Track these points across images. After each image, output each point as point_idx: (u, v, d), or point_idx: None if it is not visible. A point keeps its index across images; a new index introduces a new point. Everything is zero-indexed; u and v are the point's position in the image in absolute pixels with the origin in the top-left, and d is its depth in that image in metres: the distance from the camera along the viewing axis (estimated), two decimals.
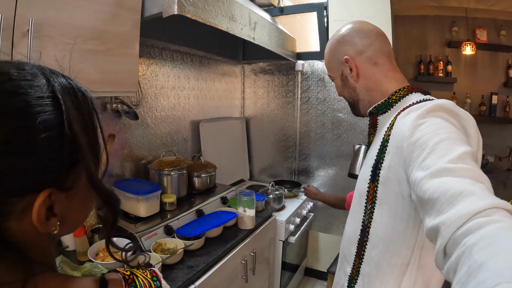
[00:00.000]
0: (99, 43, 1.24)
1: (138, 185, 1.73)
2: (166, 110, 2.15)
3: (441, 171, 0.60)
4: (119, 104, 1.71)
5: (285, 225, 2.25)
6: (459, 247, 0.46)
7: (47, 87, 0.44)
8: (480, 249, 0.42)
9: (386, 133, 0.87)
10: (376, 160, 0.90)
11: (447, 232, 0.50)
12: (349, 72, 0.99)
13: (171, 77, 2.19)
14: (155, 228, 1.57)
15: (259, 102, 3.07)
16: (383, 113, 0.96)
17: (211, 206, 1.94)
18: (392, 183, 0.83)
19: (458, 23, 3.94)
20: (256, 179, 3.15)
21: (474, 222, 0.47)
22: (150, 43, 1.99)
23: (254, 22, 1.96)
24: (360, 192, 0.98)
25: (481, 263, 0.39)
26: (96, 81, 1.26)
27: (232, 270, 1.69)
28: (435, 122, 0.72)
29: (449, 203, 0.53)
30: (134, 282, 0.55)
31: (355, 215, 1.01)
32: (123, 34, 1.35)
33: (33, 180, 0.43)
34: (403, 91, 0.93)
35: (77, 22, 1.15)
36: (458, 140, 0.67)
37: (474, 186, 0.54)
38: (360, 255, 0.96)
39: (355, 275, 0.99)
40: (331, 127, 2.74)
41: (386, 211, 0.87)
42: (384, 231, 0.88)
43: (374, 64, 0.97)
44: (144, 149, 2.02)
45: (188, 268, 1.43)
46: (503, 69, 3.91)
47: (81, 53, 1.18)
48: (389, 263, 0.87)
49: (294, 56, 2.73)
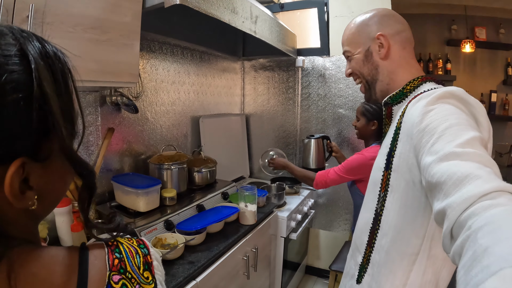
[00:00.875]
0: (99, 33, 1.22)
1: (138, 179, 1.70)
2: (166, 105, 2.12)
3: (448, 155, 0.60)
4: (118, 96, 1.68)
5: (286, 222, 2.23)
6: (465, 230, 0.47)
7: (15, 46, 0.41)
8: (485, 234, 0.42)
9: (398, 121, 0.88)
10: (390, 148, 0.90)
11: (453, 215, 0.51)
12: (377, 49, 0.99)
13: (171, 71, 2.16)
14: (155, 223, 1.54)
15: (259, 99, 3.05)
16: (398, 103, 0.97)
17: (211, 202, 1.91)
18: (403, 170, 0.84)
19: (457, 22, 3.97)
20: (256, 176, 3.12)
21: (479, 205, 0.48)
22: (151, 37, 1.96)
23: (256, 16, 1.93)
24: (375, 180, 0.98)
25: (485, 248, 0.40)
26: (96, 71, 1.23)
27: (233, 266, 1.66)
28: (445, 108, 0.72)
29: (455, 186, 0.54)
30: (118, 248, 0.51)
31: (368, 204, 1.02)
32: (124, 24, 1.32)
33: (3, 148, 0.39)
34: (417, 80, 0.94)
35: (78, 10, 1.13)
36: (467, 125, 0.66)
37: (481, 170, 0.54)
38: (371, 244, 0.96)
39: (365, 264, 0.98)
40: (332, 123, 2.73)
41: (397, 198, 0.87)
42: (395, 218, 0.88)
43: (403, 48, 0.98)
44: (144, 144, 1.99)
45: (189, 263, 1.40)
46: (502, 67, 3.95)
47: (81, 42, 1.16)
48: (399, 252, 0.87)
49: (295, 52, 2.71)
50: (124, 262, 0.49)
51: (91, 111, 1.64)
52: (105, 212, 1.61)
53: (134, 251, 0.52)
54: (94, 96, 1.65)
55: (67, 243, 1.44)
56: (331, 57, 2.67)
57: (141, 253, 0.52)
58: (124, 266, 0.49)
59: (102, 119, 1.71)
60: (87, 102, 1.62)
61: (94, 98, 1.65)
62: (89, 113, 1.64)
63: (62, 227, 1.44)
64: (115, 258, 0.49)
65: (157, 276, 0.53)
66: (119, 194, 1.67)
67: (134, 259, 0.51)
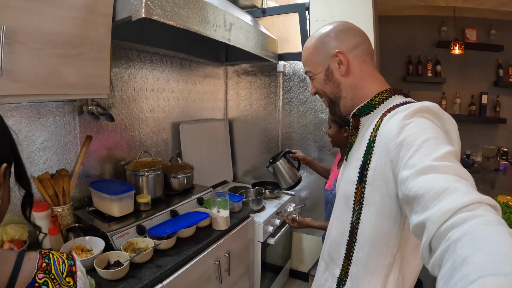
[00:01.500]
0: (69, 48, 1.28)
1: (114, 185, 1.75)
2: (144, 111, 2.18)
3: (426, 168, 0.61)
4: (94, 106, 1.74)
5: (263, 227, 2.27)
6: (444, 242, 0.48)
7: None
8: (464, 244, 0.44)
9: (372, 134, 0.88)
10: (363, 161, 0.90)
11: (432, 228, 0.52)
12: (337, 67, 0.97)
13: (150, 79, 2.21)
14: (127, 228, 1.60)
15: (242, 104, 3.09)
16: (366, 115, 0.96)
17: (187, 207, 1.96)
18: (378, 183, 0.84)
19: (447, 23, 3.94)
20: (240, 180, 3.17)
21: (458, 216, 0.49)
22: (128, 46, 2.02)
23: (230, 24, 1.98)
24: (346, 194, 0.97)
25: (464, 258, 0.41)
26: (67, 85, 1.29)
27: (204, 271, 1.71)
28: (421, 122, 0.74)
29: (433, 199, 0.55)
30: (48, 256, 0.66)
31: (341, 217, 1.01)
32: (94, 39, 1.37)
33: None
34: (385, 93, 0.94)
35: (48, 28, 1.19)
36: (443, 140, 0.69)
37: (458, 183, 0.56)
38: (349, 257, 0.97)
39: (343, 277, 0.99)
40: (313, 128, 2.76)
41: (372, 211, 0.87)
42: (371, 231, 0.88)
43: (363, 62, 0.97)
44: (123, 151, 2.05)
45: (156, 267, 1.45)
46: (493, 69, 3.91)
47: (51, 58, 1.22)
48: (377, 264, 0.89)
49: (276, 57, 2.75)
50: (50, 266, 0.64)
51: (69, 120, 1.70)
52: (84, 217, 1.67)
53: (61, 260, 0.68)
54: (72, 105, 1.71)
55: (46, 246, 1.50)
56: None
57: (67, 263, 0.68)
58: (50, 269, 0.64)
59: (80, 128, 1.77)
60: (65, 111, 1.68)
61: (72, 107, 1.71)
62: (67, 122, 1.70)
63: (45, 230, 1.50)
64: (43, 262, 0.64)
65: (79, 283, 0.68)
66: (96, 199, 1.73)
67: (59, 266, 0.66)
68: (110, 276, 1.33)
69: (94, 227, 1.59)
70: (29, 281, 0.60)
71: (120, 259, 1.43)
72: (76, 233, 1.59)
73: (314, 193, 2.83)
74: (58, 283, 0.64)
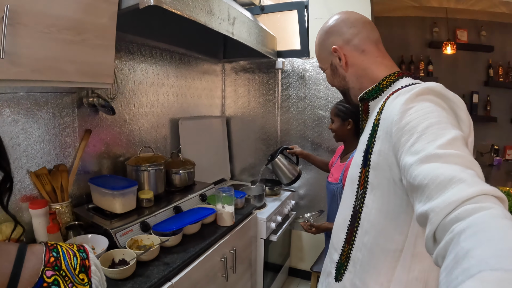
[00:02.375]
0: (74, 33, 1.21)
1: (114, 181, 1.68)
2: (144, 106, 2.12)
3: (430, 156, 0.60)
4: (95, 98, 1.67)
5: (266, 223, 2.23)
6: (448, 233, 0.48)
7: None
8: (467, 237, 0.43)
9: (376, 117, 0.87)
10: (367, 145, 0.89)
11: (436, 219, 0.51)
12: (338, 62, 1.00)
13: (150, 73, 2.15)
14: (131, 225, 1.54)
15: (240, 101, 3.05)
16: (374, 99, 0.95)
17: (189, 203, 1.90)
18: (383, 168, 0.82)
19: (439, 24, 4.04)
20: (237, 178, 3.13)
21: (463, 209, 0.48)
22: (129, 38, 1.96)
23: (233, 17, 1.95)
24: (352, 177, 0.97)
25: (467, 251, 0.40)
26: (70, 72, 1.22)
27: (211, 268, 1.66)
28: (424, 106, 0.71)
29: (438, 190, 0.54)
30: (56, 248, 0.55)
31: (346, 201, 1.01)
32: (100, 25, 1.31)
33: None
34: (393, 76, 0.92)
35: (53, 11, 1.12)
36: (448, 124, 0.66)
37: (464, 173, 0.54)
38: (351, 241, 0.95)
39: (344, 261, 0.97)
40: (312, 125, 2.75)
41: (378, 196, 0.86)
42: (377, 216, 0.87)
43: (362, 52, 0.97)
44: (122, 146, 1.98)
45: (164, 264, 1.39)
46: (484, 69, 4.02)
47: (56, 43, 1.14)
48: (382, 249, 0.87)
49: (275, 54, 2.73)
50: (60, 261, 0.53)
51: (68, 112, 1.63)
52: (83, 214, 1.60)
53: (72, 253, 0.56)
54: (71, 97, 1.64)
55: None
56: (310, 59, 2.70)
57: (79, 256, 0.56)
58: (60, 264, 0.52)
59: (79, 121, 1.69)
60: (64, 103, 1.61)
61: (72, 99, 1.64)
62: (66, 115, 1.62)
63: (39, 228, 1.43)
64: (51, 256, 0.53)
65: (94, 280, 0.56)
66: (96, 196, 1.66)
67: (71, 260, 0.54)
68: (117, 275, 1.26)
69: (96, 225, 1.52)
70: (35, 281, 0.49)
71: (125, 257, 1.36)
72: (76, 231, 1.51)
73: (313, 189, 2.81)
74: (71, 281, 0.52)
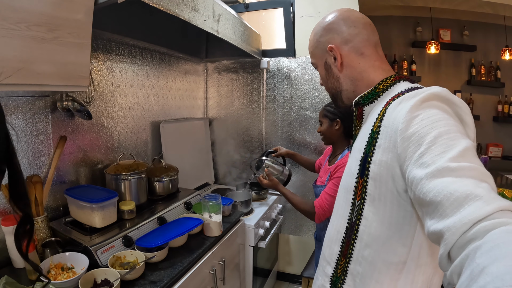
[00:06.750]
0: (45, 30, 1.07)
1: (93, 192, 1.55)
2: (123, 109, 1.98)
3: (442, 170, 0.57)
4: (70, 101, 1.53)
5: (254, 230, 2.15)
6: (464, 251, 0.47)
7: None
8: (483, 253, 0.42)
9: (375, 124, 0.82)
10: (364, 154, 0.84)
11: (452, 239, 0.50)
12: (333, 61, 0.95)
13: (129, 74, 2.02)
14: (112, 240, 1.41)
15: (223, 102, 2.95)
16: (370, 103, 0.90)
17: (174, 213, 1.79)
18: (385, 179, 0.78)
19: (422, 24, 4.11)
20: (221, 182, 3.03)
21: (480, 226, 0.47)
22: (107, 36, 1.82)
23: (218, 15, 1.84)
24: (347, 187, 0.92)
25: (483, 268, 0.39)
26: (41, 73, 1.08)
27: (200, 282, 1.55)
28: (431, 113, 0.67)
29: (453, 208, 0.52)
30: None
31: (339, 212, 0.96)
32: (74, 22, 1.17)
33: None
34: (390, 80, 0.88)
35: (22, 5, 0.98)
36: (457, 133, 0.63)
37: (479, 188, 0.52)
38: (347, 254, 0.90)
39: (340, 275, 0.93)
40: (298, 126, 2.69)
41: (379, 208, 0.81)
42: (378, 229, 0.82)
43: (360, 54, 0.92)
44: (100, 153, 1.84)
45: (150, 283, 1.28)
46: (466, 68, 4.14)
47: (24, 41, 1.01)
48: (385, 261, 0.83)
49: (259, 53, 2.65)
50: None
51: (41, 118, 1.49)
52: (60, 230, 1.46)
53: None
54: (44, 101, 1.50)
55: (19, 265, 1.30)
56: (296, 58, 2.63)
57: None
58: None
59: (53, 127, 1.55)
60: (37, 108, 1.47)
61: (44, 103, 1.50)
62: (38, 120, 1.48)
63: (13, 247, 1.28)
64: None
65: None
66: (73, 209, 1.52)
67: None
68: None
69: (74, 241, 1.39)
70: None
71: (108, 277, 1.23)
72: (53, 249, 1.37)
73: (300, 192, 2.75)
74: None
